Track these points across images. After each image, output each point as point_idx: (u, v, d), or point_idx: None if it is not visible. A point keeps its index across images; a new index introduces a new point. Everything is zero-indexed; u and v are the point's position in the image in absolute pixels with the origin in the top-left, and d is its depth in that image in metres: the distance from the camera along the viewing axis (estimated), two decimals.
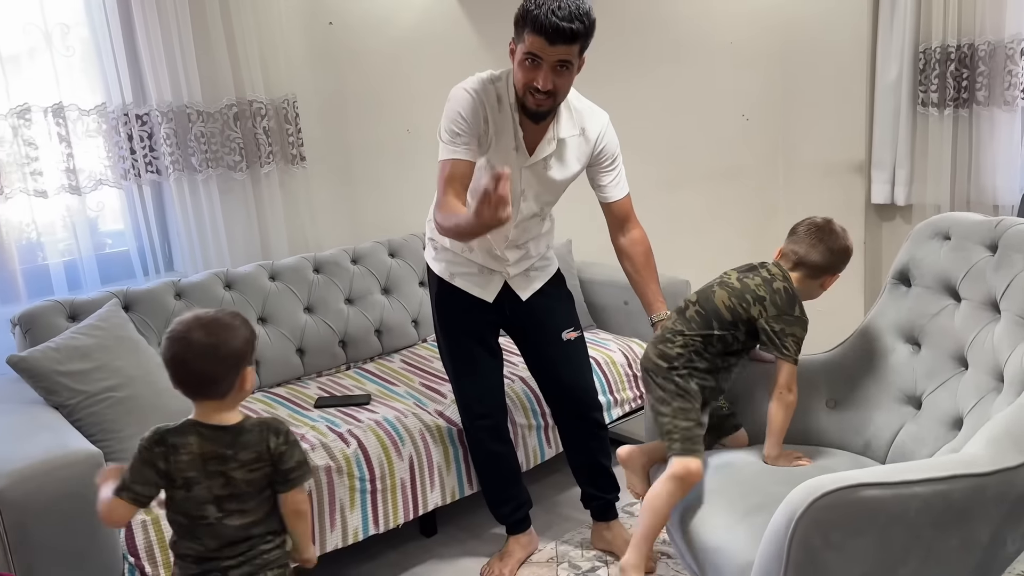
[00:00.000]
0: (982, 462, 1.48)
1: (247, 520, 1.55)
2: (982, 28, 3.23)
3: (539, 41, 1.87)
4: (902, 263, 2.07)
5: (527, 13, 1.88)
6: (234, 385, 1.52)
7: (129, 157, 2.70)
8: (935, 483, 1.43)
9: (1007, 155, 3.26)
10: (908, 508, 1.42)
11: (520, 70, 1.95)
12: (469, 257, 2.22)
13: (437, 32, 3.33)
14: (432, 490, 2.44)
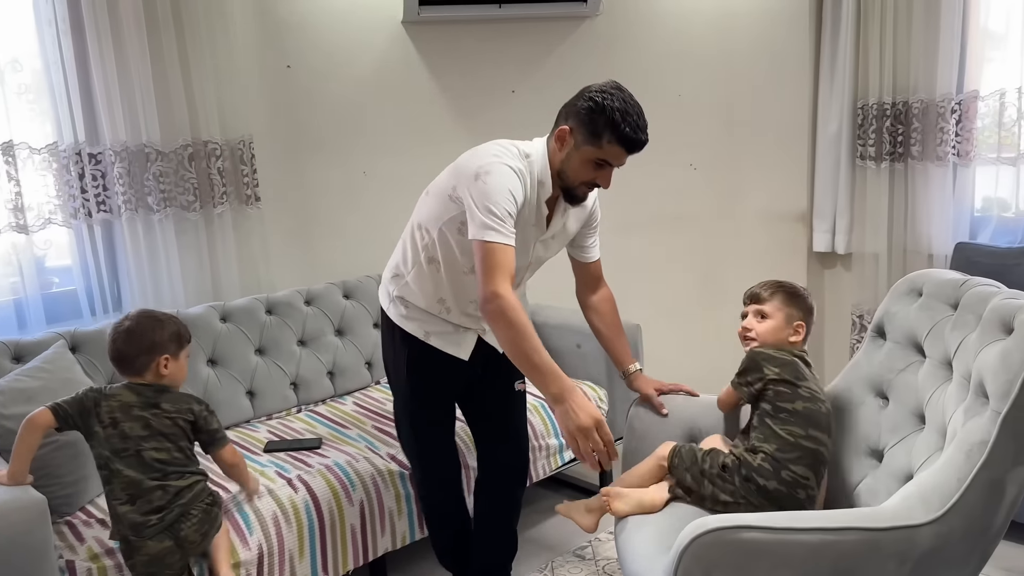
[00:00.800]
0: (881, 517, 1.52)
1: (162, 457, 1.92)
2: (915, 87, 3.39)
3: (620, 152, 1.92)
4: (879, 317, 2.12)
5: (614, 126, 1.87)
6: (148, 366, 1.96)
7: (80, 196, 2.67)
8: (823, 533, 1.47)
9: (940, 207, 3.41)
10: (793, 555, 1.46)
11: (586, 169, 1.94)
12: (445, 318, 2.13)
13: (394, 77, 3.38)
14: (383, 535, 2.42)
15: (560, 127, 1.95)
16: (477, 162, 1.91)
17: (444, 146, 3.53)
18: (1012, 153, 3.24)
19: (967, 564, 1.64)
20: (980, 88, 3.29)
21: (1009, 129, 3.23)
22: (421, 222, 2.07)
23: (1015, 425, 1.56)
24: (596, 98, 1.89)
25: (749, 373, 2.00)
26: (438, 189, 2.04)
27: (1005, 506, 1.61)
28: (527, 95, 3.59)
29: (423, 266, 2.08)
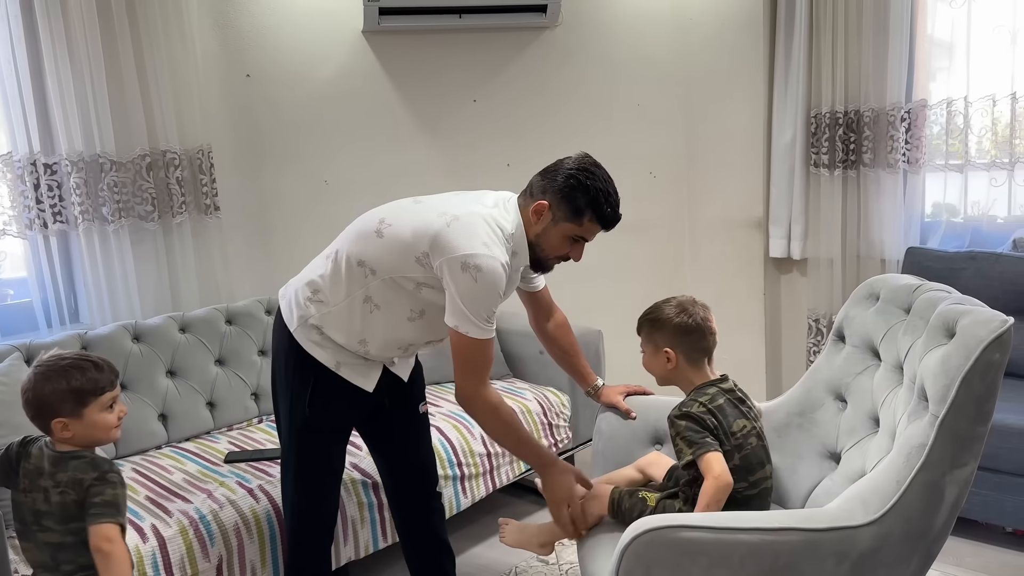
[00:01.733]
0: (820, 518, 1.55)
1: (53, 541, 1.67)
2: (866, 96, 3.48)
3: (597, 229, 1.98)
4: (839, 321, 2.14)
5: (596, 206, 1.92)
6: (48, 431, 1.69)
7: (35, 207, 2.64)
8: (762, 533, 1.50)
9: (892, 213, 3.50)
10: (732, 554, 1.49)
11: (561, 244, 1.97)
12: (359, 353, 2.02)
13: (355, 86, 3.39)
14: (346, 544, 2.42)
15: (539, 201, 1.93)
16: (465, 248, 1.83)
17: (406, 155, 3.55)
18: (960, 160, 3.34)
19: (908, 565, 1.67)
20: (929, 97, 3.39)
21: (956, 137, 3.33)
22: (365, 260, 1.93)
23: (952, 428, 1.59)
24: (579, 176, 1.91)
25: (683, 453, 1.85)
26: (399, 241, 1.90)
27: (945, 508, 1.65)
28: (488, 104, 3.62)
29: (356, 302, 1.96)
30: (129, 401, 2.60)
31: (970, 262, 3.12)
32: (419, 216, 1.92)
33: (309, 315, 1.99)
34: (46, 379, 1.67)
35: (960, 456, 1.62)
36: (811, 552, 1.53)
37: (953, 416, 1.59)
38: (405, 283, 1.92)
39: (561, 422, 3.05)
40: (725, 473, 1.75)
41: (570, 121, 3.70)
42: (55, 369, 1.68)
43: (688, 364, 1.94)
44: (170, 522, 2.12)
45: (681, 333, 1.93)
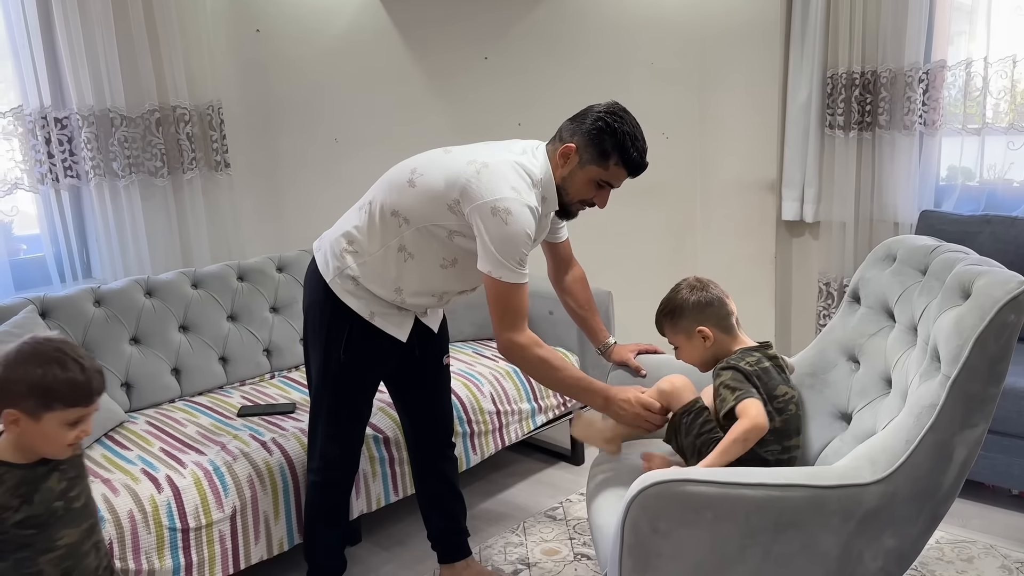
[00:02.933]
0: (827, 476, 1.56)
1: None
2: (884, 56, 3.42)
3: (623, 174, 1.97)
4: (855, 282, 2.13)
5: (623, 149, 1.92)
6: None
7: (47, 161, 2.64)
8: (768, 488, 1.51)
9: (906, 176, 3.46)
10: (737, 508, 1.50)
11: (588, 188, 1.98)
12: (394, 302, 2.05)
13: (365, 41, 3.35)
14: (358, 498, 2.45)
15: (566, 144, 1.95)
16: (495, 193, 1.86)
17: (416, 113, 3.53)
18: (977, 124, 3.29)
19: (914, 524, 1.68)
20: (947, 58, 3.34)
21: (974, 99, 3.29)
22: (399, 210, 1.96)
23: (964, 389, 1.59)
24: (607, 119, 1.92)
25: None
26: (431, 190, 1.93)
27: (953, 468, 1.65)
28: (500, 61, 3.58)
29: (391, 251, 2.00)
30: (142, 355, 2.63)
31: (985, 226, 3.09)
32: (450, 165, 1.95)
33: (346, 266, 2.03)
34: (22, 359, 1.41)
35: (971, 417, 1.62)
36: (816, 509, 1.54)
37: (965, 377, 1.58)
38: (438, 231, 1.96)
39: None
40: (762, 416, 1.77)
41: (582, 80, 3.66)
42: (38, 353, 1.42)
43: (724, 333, 1.97)
44: (184, 473, 2.15)
45: (704, 308, 1.96)
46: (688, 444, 1.89)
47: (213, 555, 2.14)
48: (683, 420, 1.91)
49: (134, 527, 2.00)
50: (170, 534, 2.06)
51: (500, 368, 2.89)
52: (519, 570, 2.47)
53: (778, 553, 1.55)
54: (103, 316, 2.57)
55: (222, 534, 2.16)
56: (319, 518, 2.21)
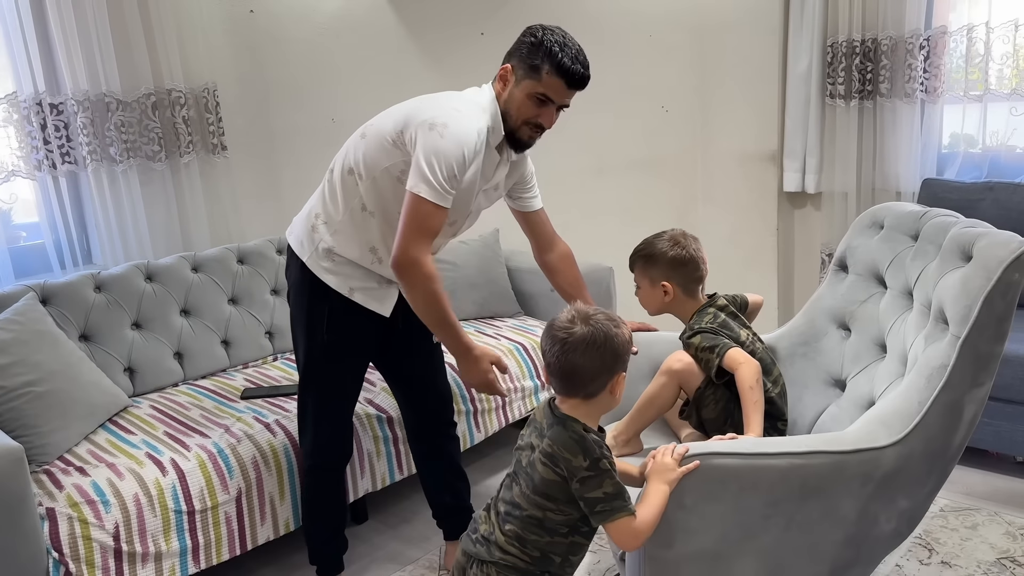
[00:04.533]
0: (846, 441, 1.58)
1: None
2: (884, 24, 3.39)
3: (559, 84, 1.89)
4: (842, 250, 2.14)
5: (552, 56, 1.86)
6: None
7: (43, 148, 2.63)
8: (792, 457, 1.53)
9: (908, 144, 3.43)
10: (761, 478, 1.52)
11: (527, 105, 1.91)
12: (375, 269, 2.02)
13: (361, 20, 3.33)
14: (363, 477, 2.46)
15: (502, 66, 1.95)
16: (434, 112, 1.86)
17: (413, 90, 3.48)
18: (979, 90, 3.26)
19: (925, 484, 1.70)
20: (949, 24, 3.30)
21: (976, 65, 3.25)
22: (354, 167, 1.96)
23: (974, 348, 1.61)
24: (536, 32, 1.91)
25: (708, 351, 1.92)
26: (377, 133, 1.94)
27: (963, 426, 1.68)
28: (497, 37, 3.54)
29: (355, 213, 1.97)
30: (144, 340, 2.63)
31: (988, 192, 3.07)
32: (396, 108, 1.97)
33: (319, 240, 2.01)
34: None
35: (979, 375, 1.65)
36: (838, 474, 1.56)
37: (975, 336, 1.61)
38: (386, 178, 1.92)
39: None
40: (751, 358, 1.85)
41: None
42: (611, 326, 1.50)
43: (685, 295, 2.03)
44: (189, 456, 2.16)
45: (677, 265, 2.00)
46: (715, 415, 1.91)
47: (220, 536, 2.16)
48: (706, 394, 1.92)
49: (140, 511, 2.01)
50: (176, 517, 2.07)
51: (502, 346, 2.89)
52: None
53: (800, 520, 1.56)
54: (104, 302, 2.57)
55: (228, 516, 2.17)
56: (317, 501, 2.20)
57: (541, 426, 1.53)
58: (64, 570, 1.91)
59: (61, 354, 2.26)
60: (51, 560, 1.90)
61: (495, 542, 1.51)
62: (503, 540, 1.50)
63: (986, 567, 2.22)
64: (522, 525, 1.49)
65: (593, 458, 1.43)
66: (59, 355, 2.25)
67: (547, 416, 1.52)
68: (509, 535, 1.50)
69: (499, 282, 3.21)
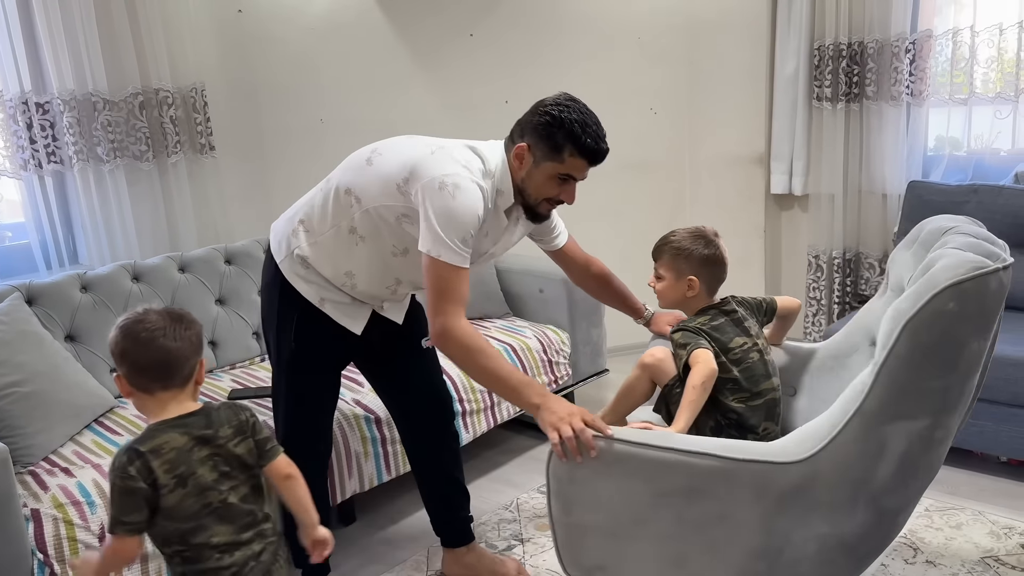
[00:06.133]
0: (742, 450, 1.55)
1: (242, 494, 1.51)
2: (871, 27, 3.41)
3: (582, 164, 1.86)
4: (888, 265, 2.09)
5: (575, 138, 1.81)
6: (191, 372, 1.51)
7: (29, 147, 2.62)
8: (677, 453, 1.55)
9: (894, 147, 3.46)
10: (643, 467, 1.58)
11: (548, 185, 1.88)
12: (346, 290, 1.99)
13: (349, 21, 3.33)
14: (350, 478, 2.46)
15: (518, 144, 1.87)
16: (442, 169, 1.80)
17: (402, 91, 3.50)
18: (964, 94, 3.29)
19: (850, 513, 1.61)
20: (934, 28, 3.33)
21: (961, 69, 3.28)
22: (352, 189, 1.91)
23: (893, 377, 1.51)
24: (552, 111, 1.83)
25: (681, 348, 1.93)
26: (383, 171, 1.88)
27: (890, 459, 1.57)
28: (486, 38, 3.56)
29: (342, 232, 1.93)
30: None
31: (972, 195, 3.10)
32: (408, 148, 1.91)
33: (297, 245, 1.98)
34: (186, 320, 1.51)
35: (906, 408, 1.53)
36: (724, 479, 1.55)
37: (893, 365, 1.51)
38: (387, 214, 1.88)
39: (561, 359, 3.07)
40: (710, 361, 1.85)
41: (569, 57, 3.64)
42: (184, 312, 1.54)
43: (706, 293, 2.03)
44: None
45: (709, 264, 2.01)
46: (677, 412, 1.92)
47: None
48: (674, 391, 1.95)
49: None
50: None
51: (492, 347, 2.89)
52: (512, 546, 2.49)
53: (692, 519, 1.58)
54: (90, 302, 2.56)
55: None
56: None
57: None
58: (49, 571, 1.90)
59: (46, 355, 2.25)
60: (36, 561, 1.89)
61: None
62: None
63: (970, 566, 2.24)
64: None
65: None
66: (44, 355, 2.24)
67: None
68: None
69: (488, 283, 3.21)
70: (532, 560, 2.40)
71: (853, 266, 3.66)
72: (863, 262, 3.64)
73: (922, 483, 1.68)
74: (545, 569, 2.35)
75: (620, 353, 3.68)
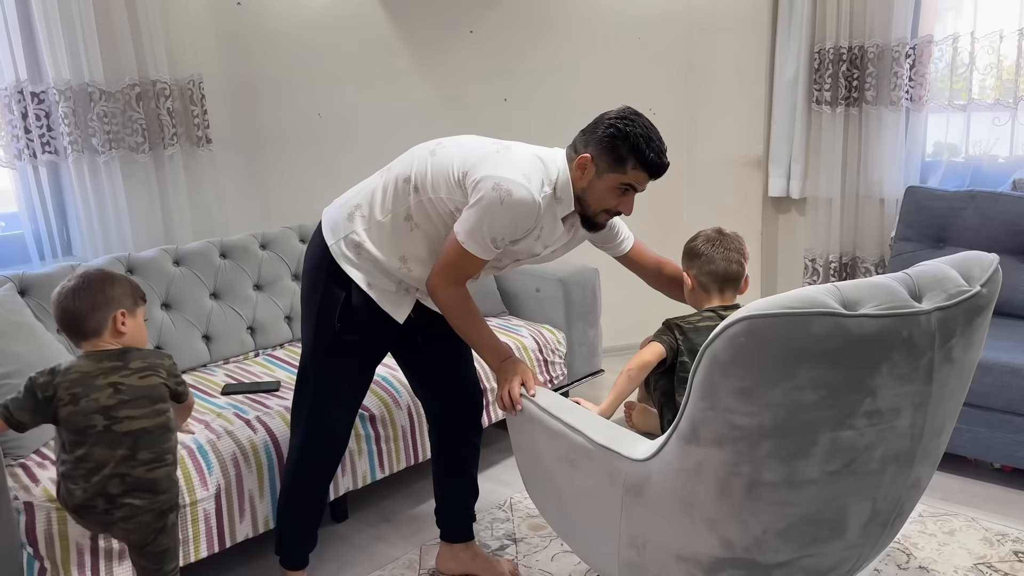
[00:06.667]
0: (603, 435, 1.69)
1: (135, 428, 1.73)
2: (871, 31, 3.41)
3: (644, 177, 1.90)
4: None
5: (639, 153, 1.85)
6: (102, 324, 1.77)
7: (23, 136, 2.59)
8: (563, 425, 1.75)
9: (892, 152, 3.46)
10: (544, 431, 1.80)
11: (609, 196, 1.92)
12: (398, 274, 2.01)
13: (349, 15, 3.31)
14: (344, 475, 2.45)
15: (581, 155, 1.90)
16: (502, 172, 1.85)
17: (401, 87, 3.49)
18: (963, 100, 3.29)
19: (686, 529, 1.55)
20: (934, 33, 3.33)
21: (961, 75, 3.28)
22: (412, 178, 1.95)
23: (694, 400, 1.45)
24: (618, 125, 1.87)
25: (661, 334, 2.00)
26: (446, 164, 1.92)
27: (710, 484, 1.47)
28: (485, 36, 3.54)
29: (398, 219, 1.97)
30: None
31: (969, 201, 3.10)
32: (473, 145, 1.96)
33: (352, 230, 2.01)
34: (108, 278, 1.81)
35: (708, 435, 1.44)
36: (587, 457, 1.71)
37: (696, 388, 1.44)
38: (442, 207, 1.93)
39: (556, 359, 3.06)
40: (649, 354, 1.94)
41: (569, 56, 3.63)
42: (109, 272, 1.84)
43: (700, 289, 2.07)
44: None
45: (693, 257, 2.07)
46: (658, 397, 2.03)
47: (198, 533, 2.13)
48: (650, 379, 2.02)
49: None
50: None
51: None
52: (505, 545, 2.48)
53: (578, 484, 1.76)
54: None
55: (207, 512, 2.15)
56: (296, 496, 2.15)
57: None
58: (39, 566, 1.88)
59: (39, 346, 2.22)
60: (26, 555, 1.87)
61: None
62: None
63: (963, 572, 2.24)
64: None
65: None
66: (37, 347, 2.21)
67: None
68: None
69: (485, 282, 3.20)
70: (525, 560, 2.39)
71: (849, 270, 3.66)
72: (859, 266, 3.64)
73: (776, 526, 1.49)
74: (538, 569, 2.35)
75: (616, 353, 3.67)
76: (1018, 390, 2.55)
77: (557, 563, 2.38)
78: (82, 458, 1.71)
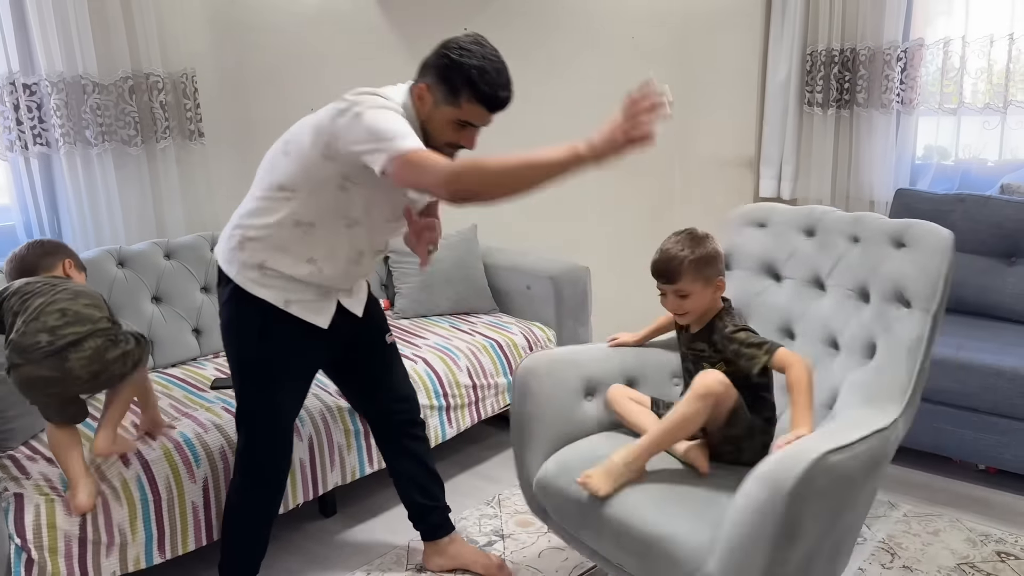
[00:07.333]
0: (876, 420, 1.72)
1: (72, 305, 1.95)
2: (863, 34, 3.43)
3: (480, 111, 1.81)
4: (725, 250, 2.15)
5: (472, 84, 1.76)
6: (54, 267, 2.10)
7: (15, 128, 2.59)
8: (870, 439, 1.67)
9: (882, 154, 3.48)
10: (874, 468, 1.71)
11: (448, 130, 1.83)
12: (313, 280, 1.95)
13: (343, 10, 3.31)
14: (332, 470, 2.45)
15: (419, 84, 1.84)
16: (345, 106, 1.76)
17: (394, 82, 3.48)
18: (953, 103, 3.31)
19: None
20: (926, 37, 3.35)
21: (952, 79, 3.30)
22: (283, 184, 1.87)
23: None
24: (452, 55, 1.78)
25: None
26: (301, 150, 1.84)
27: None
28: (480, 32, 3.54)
29: (286, 227, 1.89)
30: None
31: (959, 204, 3.12)
32: (312, 115, 1.87)
33: (247, 256, 1.93)
34: (56, 242, 2.21)
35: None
36: (887, 448, 1.78)
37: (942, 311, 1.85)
38: (327, 188, 1.84)
39: None
40: (803, 357, 1.79)
41: (562, 54, 3.63)
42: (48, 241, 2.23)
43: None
44: (154, 445, 2.14)
45: (722, 260, 2.02)
46: (740, 431, 1.86)
47: (186, 525, 2.14)
48: (737, 411, 1.84)
49: (105, 500, 1.99)
50: (143, 506, 2.05)
51: (476, 343, 2.89)
52: (493, 541, 2.49)
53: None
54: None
55: (195, 505, 2.15)
56: (238, 522, 2.10)
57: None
58: (26, 557, 1.88)
59: None
60: (13, 546, 1.87)
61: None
62: None
63: (946, 572, 2.26)
64: None
65: None
66: None
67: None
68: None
69: (476, 278, 3.21)
70: (513, 556, 2.40)
71: None
72: None
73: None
74: (526, 565, 2.36)
75: None
76: (1002, 392, 2.57)
77: (544, 559, 2.39)
78: (25, 320, 1.89)
